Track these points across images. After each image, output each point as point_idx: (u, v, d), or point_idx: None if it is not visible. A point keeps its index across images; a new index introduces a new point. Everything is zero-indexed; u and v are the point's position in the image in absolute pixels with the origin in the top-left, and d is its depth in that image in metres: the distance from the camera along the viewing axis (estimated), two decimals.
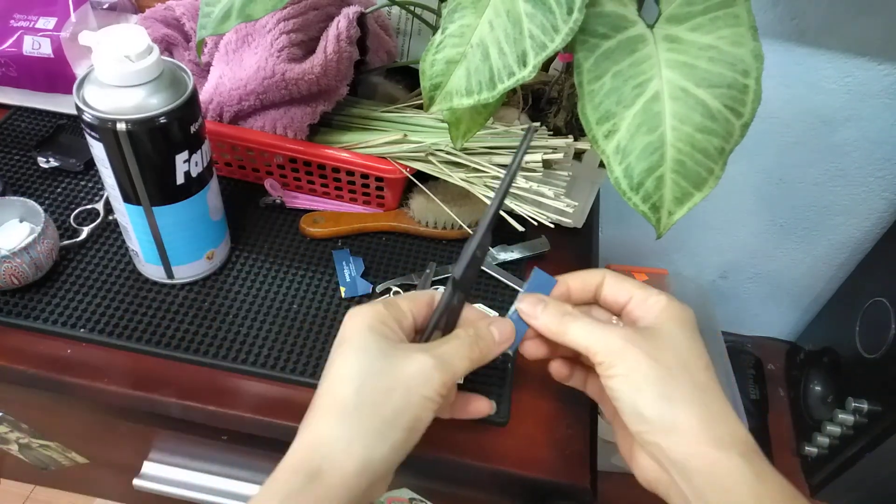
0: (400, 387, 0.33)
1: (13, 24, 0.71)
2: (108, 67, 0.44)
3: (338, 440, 0.32)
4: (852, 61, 0.87)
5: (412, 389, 0.33)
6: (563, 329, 0.38)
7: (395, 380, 0.33)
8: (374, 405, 0.32)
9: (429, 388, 0.33)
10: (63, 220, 0.62)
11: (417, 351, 0.34)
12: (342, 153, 0.61)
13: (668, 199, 0.44)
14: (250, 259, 0.61)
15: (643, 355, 0.35)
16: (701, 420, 0.33)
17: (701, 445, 0.33)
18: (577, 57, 0.43)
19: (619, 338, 0.36)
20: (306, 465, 0.32)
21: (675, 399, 0.34)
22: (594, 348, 0.36)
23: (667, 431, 0.33)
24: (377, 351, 0.34)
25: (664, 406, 0.34)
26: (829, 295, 1.19)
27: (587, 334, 0.37)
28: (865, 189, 1.02)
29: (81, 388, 0.52)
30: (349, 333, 0.35)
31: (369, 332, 0.35)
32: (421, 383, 0.33)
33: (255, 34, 0.60)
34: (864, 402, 0.95)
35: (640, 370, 0.34)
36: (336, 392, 0.33)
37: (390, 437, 0.32)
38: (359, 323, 0.35)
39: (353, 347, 0.34)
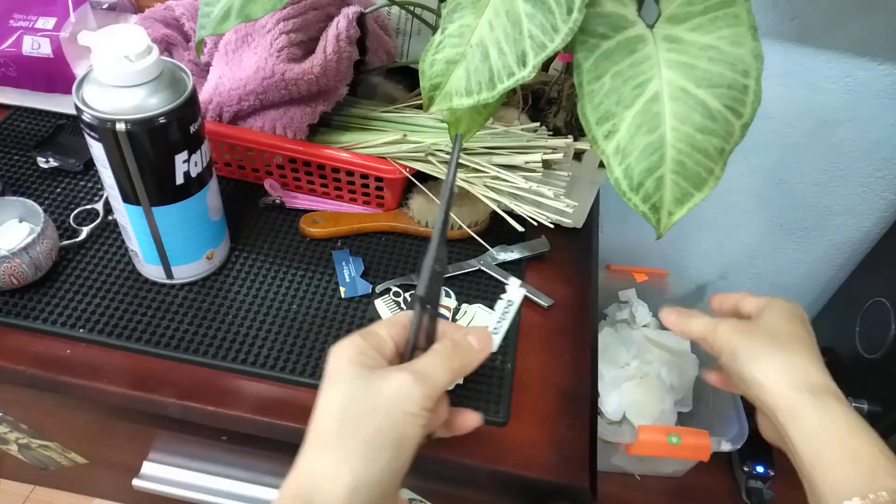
0: (381, 407, 0.33)
1: (13, 24, 0.71)
2: (108, 67, 0.44)
3: (325, 469, 0.33)
4: (852, 61, 0.86)
5: (393, 407, 0.33)
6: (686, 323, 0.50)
7: (376, 401, 0.33)
8: (355, 429, 0.33)
9: (410, 404, 0.33)
10: (62, 221, 0.62)
11: (395, 371, 0.34)
12: (342, 153, 0.61)
13: (668, 199, 0.44)
14: (250, 259, 0.61)
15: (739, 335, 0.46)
16: (780, 373, 0.43)
17: (781, 391, 0.42)
18: (576, 57, 0.43)
19: (723, 326, 0.47)
20: (300, 497, 0.33)
21: (761, 360, 0.44)
22: (711, 335, 0.47)
23: (758, 386, 0.43)
24: (356, 379, 0.34)
25: (752, 368, 0.44)
26: (829, 295, 1.19)
27: (703, 325, 0.49)
28: (865, 189, 1.02)
29: (81, 388, 0.52)
30: (331, 369, 0.36)
31: (349, 365, 0.35)
32: (402, 400, 0.33)
33: (254, 34, 0.60)
34: (864, 402, 0.95)
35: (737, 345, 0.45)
36: (320, 424, 0.34)
37: (377, 459, 0.32)
38: (339, 358, 0.36)
39: (334, 381, 0.35)
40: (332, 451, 0.33)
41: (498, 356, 0.56)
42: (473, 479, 0.51)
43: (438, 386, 0.35)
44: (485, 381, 0.54)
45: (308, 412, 0.52)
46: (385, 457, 0.32)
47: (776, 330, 0.46)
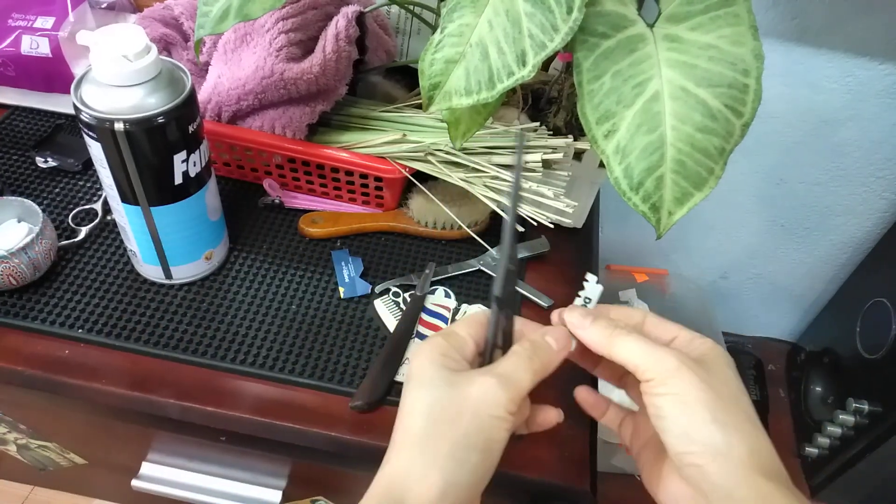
0: (468, 410, 0.33)
1: (11, 23, 0.71)
2: (106, 67, 0.44)
3: (413, 470, 0.33)
4: (853, 61, 0.86)
5: (481, 411, 0.33)
6: (611, 342, 0.37)
7: (462, 404, 0.34)
8: (444, 431, 0.33)
9: (497, 408, 0.34)
10: (61, 221, 0.62)
11: (479, 374, 0.35)
12: (341, 153, 0.61)
13: (667, 199, 0.43)
14: (249, 259, 0.60)
15: (696, 378, 0.34)
16: (751, 449, 0.33)
17: (751, 474, 0.32)
18: (576, 56, 0.43)
19: (673, 357, 0.35)
20: (388, 498, 0.33)
21: (728, 425, 0.33)
22: (645, 365, 0.35)
23: (715, 455, 0.33)
24: (441, 381, 0.35)
25: (716, 430, 0.33)
26: (829, 295, 1.19)
27: (638, 350, 0.36)
28: (866, 189, 1.02)
29: (79, 388, 0.51)
30: (415, 371, 0.36)
31: (431, 366, 0.35)
32: (488, 404, 0.34)
33: (253, 34, 0.60)
34: (865, 402, 0.95)
35: (693, 391, 0.34)
36: (407, 426, 0.34)
37: (466, 461, 0.33)
38: (422, 359, 0.36)
39: (418, 383, 0.35)
40: (420, 453, 0.33)
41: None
42: None
43: (522, 388, 0.35)
44: None
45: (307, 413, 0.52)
46: (473, 459, 0.33)
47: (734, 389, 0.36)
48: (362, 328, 0.56)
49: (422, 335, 0.56)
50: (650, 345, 0.36)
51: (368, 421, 0.51)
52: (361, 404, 0.50)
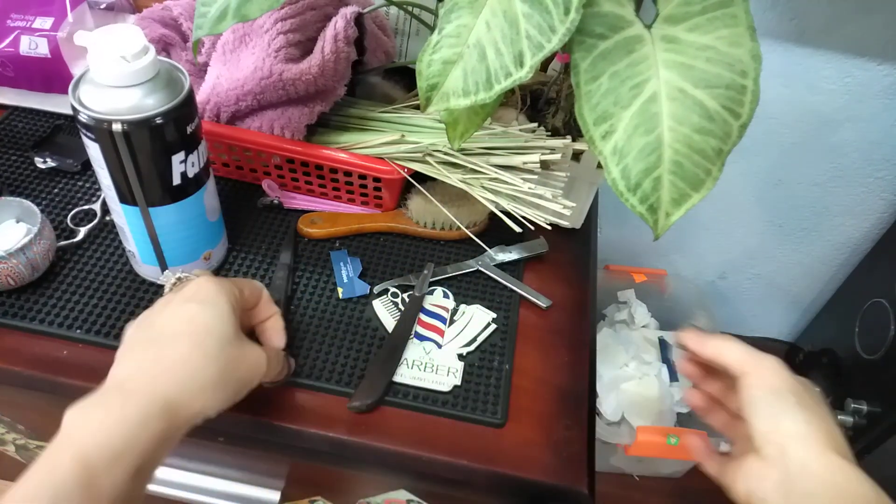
0: (245, 367, 0.44)
1: (10, 24, 0.71)
2: (104, 68, 0.44)
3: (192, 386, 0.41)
4: (852, 62, 0.87)
5: (251, 374, 0.45)
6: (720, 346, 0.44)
7: (243, 361, 0.44)
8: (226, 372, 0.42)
9: (258, 377, 0.45)
10: (60, 221, 0.62)
11: (256, 347, 0.46)
12: (340, 154, 0.61)
13: (665, 200, 0.43)
14: (248, 260, 0.61)
15: (788, 375, 0.42)
16: (829, 435, 0.39)
17: (826, 451, 0.38)
18: (574, 57, 0.43)
19: (771, 359, 0.43)
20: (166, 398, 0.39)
21: (812, 413, 0.39)
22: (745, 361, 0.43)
23: (799, 435, 0.38)
24: (232, 326, 0.43)
25: (801, 414, 0.39)
26: (828, 296, 1.19)
27: (740, 351, 0.43)
28: (865, 190, 1.02)
29: (78, 389, 0.51)
30: (213, 298, 0.43)
31: (227, 308, 0.44)
32: (256, 372, 0.45)
33: (252, 34, 0.60)
34: (864, 403, 0.95)
35: (783, 383, 0.41)
36: (202, 341, 0.42)
37: (226, 402, 0.43)
38: (221, 296, 0.44)
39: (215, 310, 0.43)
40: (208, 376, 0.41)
41: (496, 357, 0.56)
42: (471, 480, 0.50)
43: (271, 374, 0.47)
44: (482, 382, 0.54)
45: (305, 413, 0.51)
46: (229, 402, 0.43)
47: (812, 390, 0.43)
48: (361, 328, 0.56)
49: (420, 336, 0.56)
50: (751, 349, 0.44)
51: (366, 421, 0.51)
52: (360, 405, 0.51)
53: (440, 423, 0.51)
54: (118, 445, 0.35)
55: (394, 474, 0.57)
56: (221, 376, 0.41)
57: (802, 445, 0.38)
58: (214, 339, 0.42)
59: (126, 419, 0.37)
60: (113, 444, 0.35)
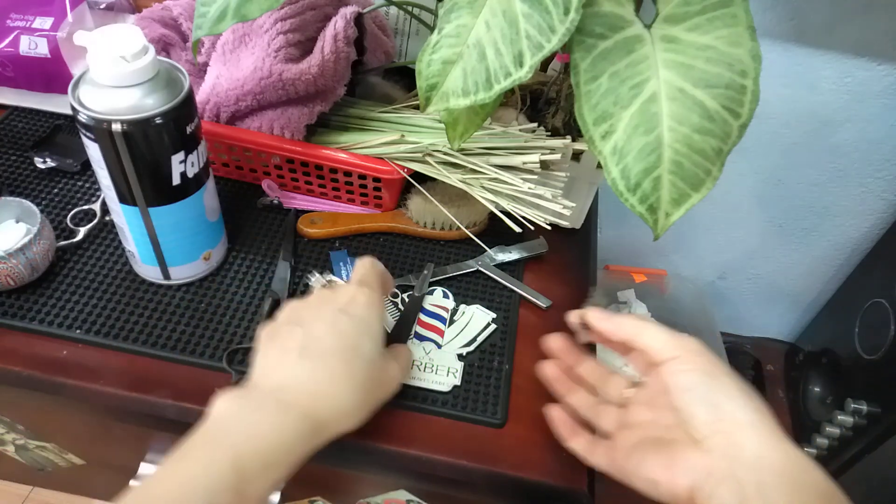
0: (384, 385, 0.46)
1: (10, 23, 0.71)
2: (104, 68, 0.44)
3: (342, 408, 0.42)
4: (852, 62, 0.86)
5: (390, 386, 0.46)
6: (639, 327, 0.42)
7: (384, 378, 0.46)
8: (371, 392, 0.44)
9: (394, 388, 0.47)
10: (59, 221, 0.62)
11: (392, 361, 0.47)
12: (339, 154, 0.61)
13: (665, 200, 0.43)
14: (247, 260, 0.60)
15: (711, 356, 0.39)
16: (774, 426, 0.36)
17: (780, 440, 0.35)
18: (573, 57, 0.43)
19: (695, 341, 0.40)
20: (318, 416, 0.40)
21: (753, 400, 0.37)
22: (670, 345, 0.40)
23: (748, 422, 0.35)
24: (379, 346, 0.45)
25: (745, 401, 0.36)
26: (828, 296, 1.19)
27: (663, 334, 0.41)
28: (865, 190, 1.02)
29: (77, 389, 0.51)
30: (365, 317, 0.45)
31: (378, 326, 0.45)
32: (392, 387, 0.47)
33: (252, 34, 0.60)
34: (864, 403, 0.95)
35: (718, 370, 0.38)
36: (352, 365, 0.43)
37: (365, 418, 0.43)
38: (376, 313, 0.46)
39: (367, 335, 0.44)
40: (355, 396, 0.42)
41: (496, 357, 0.56)
42: (470, 480, 0.50)
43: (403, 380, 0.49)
44: (482, 383, 0.54)
45: None
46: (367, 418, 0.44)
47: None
48: None
49: (420, 336, 0.56)
50: (672, 331, 0.41)
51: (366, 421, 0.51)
52: None
53: (440, 423, 0.51)
54: (271, 457, 0.36)
55: (393, 474, 0.57)
56: (366, 399, 0.43)
57: (754, 435, 0.35)
58: (363, 362, 0.43)
59: (283, 433, 0.37)
60: (267, 454, 0.36)
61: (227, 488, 0.34)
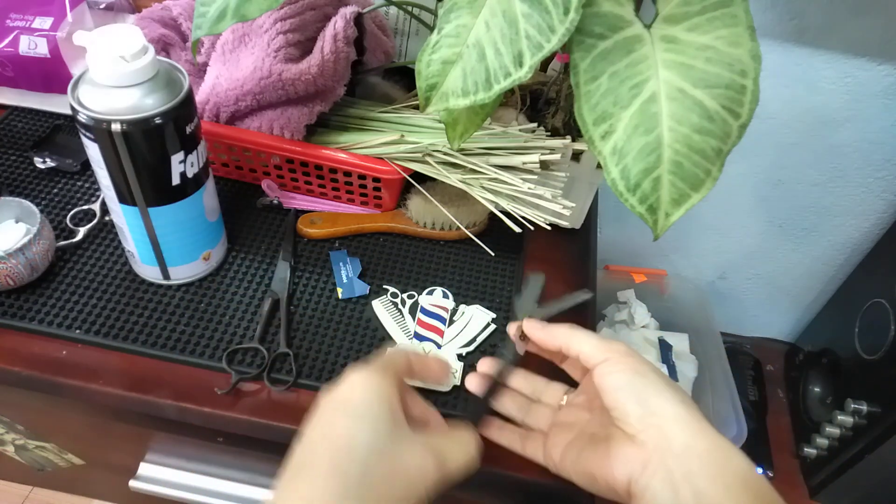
0: (401, 478, 0.35)
1: (9, 23, 0.71)
2: (103, 68, 0.44)
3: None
4: (852, 62, 0.86)
5: (412, 485, 0.35)
6: (569, 336, 0.44)
7: (400, 469, 0.35)
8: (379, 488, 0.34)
9: (425, 486, 0.36)
10: (59, 221, 0.62)
11: (420, 447, 0.37)
12: (339, 154, 0.61)
13: (665, 200, 0.43)
14: (247, 260, 0.60)
15: (638, 356, 0.41)
16: (700, 417, 0.38)
17: (706, 428, 0.37)
18: (573, 57, 0.43)
19: (622, 344, 0.42)
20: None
21: (679, 394, 0.39)
22: (599, 349, 0.41)
23: (675, 416, 0.38)
24: (382, 428, 0.36)
25: (672, 396, 0.38)
26: (828, 296, 1.19)
27: (593, 339, 0.42)
28: (865, 190, 1.02)
29: (77, 389, 0.51)
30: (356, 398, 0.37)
31: (375, 404, 0.36)
32: (420, 480, 0.36)
33: (251, 34, 0.60)
34: (864, 403, 0.95)
35: (646, 367, 0.40)
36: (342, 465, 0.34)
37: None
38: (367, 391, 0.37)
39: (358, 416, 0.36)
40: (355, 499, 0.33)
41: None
42: (470, 480, 0.50)
43: (453, 474, 0.38)
44: None
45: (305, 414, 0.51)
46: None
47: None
48: (360, 329, 0.56)
49: (420, 336, 0.56)
50: (598, 337, 0.43)
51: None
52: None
53: None
54: None
55: None
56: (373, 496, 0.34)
57: (682, 426, 0.37)
58: (358, 465, 0.34)
59: None
60: None
61: None
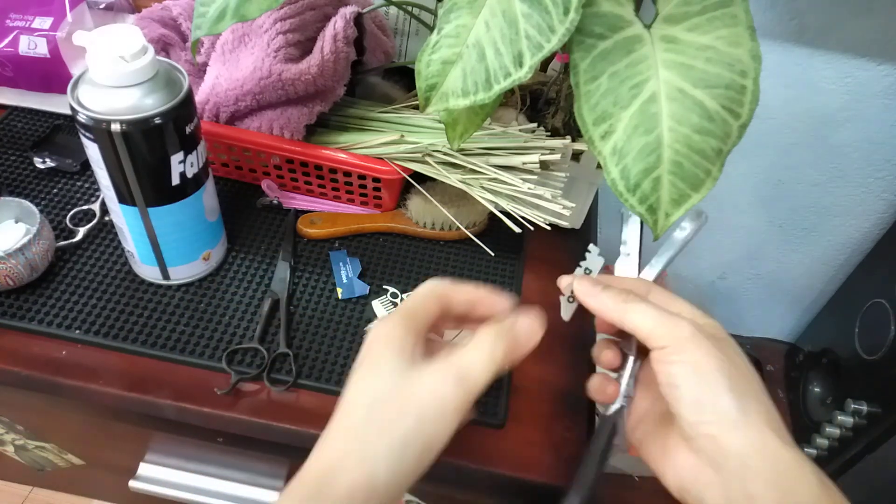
0: (412, 411, 0.32)
1: (9, 23, 0.71)
2: (103, 68, 0.44)
3: (348, 460, 0.32)
4: (852, 62, 0.86)
5: (425, 414, 0.32)
6: (623, 310, 0.36)
7: (408, 402, 0.32)
8: (384, 428, 0.32)
9: (443, 411, 0.33)
10: (59, 221, 0.61)
11: (435, 370, 0.33)
12: (339, 154, 0.60)
13: (665, 200, 0.43)
14: (247, 260, 0.60)
15: (712, 347, 0.34)
16: (768, 418, 0.33)
17: (768, 441, 0.32)
18: (573, 57, 0.43)
19: (687, 325, 0.34)
20: (318, 478, 0.32)
21: (745, 394, 0.33)
22: (658, 332, 0.35)
23: (732, 425, 0.32)
24: (391, 370, 0.33)
25: (733, 399, 0.33)
26: (828, 296, 1.19)
27: (651, 318, 0.35)
28: (865, 190, 1.02)
29: (76, 389, 0.51)
30: (369, 353, 0.35)
31: (386, 349, 0.34)
32: (435, 406, 0.33)
33: (251, 34, 0.60)
34: (864, 403, 0.95)
35: (709, 360, 0.33)
36: (348, 413, 0.33)
37: (402, 459, 0.32)
38: (379, 346, 0.35)
39: (369, 371, 0.34)
40: (355, 447, 0.32)
41: None
42: (470, 481, 0.50)
43: (478, 385, 0.33)
44: None
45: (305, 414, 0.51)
46: (409, 461, 0.32)
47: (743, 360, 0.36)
48: (360, 329, 0.56)
49: None
50: (663, 312, 0.35)
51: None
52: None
53: None
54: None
55: None
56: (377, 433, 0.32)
57: (741, 438, 0.32)
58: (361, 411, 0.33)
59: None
60: None
61: None
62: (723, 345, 0.35)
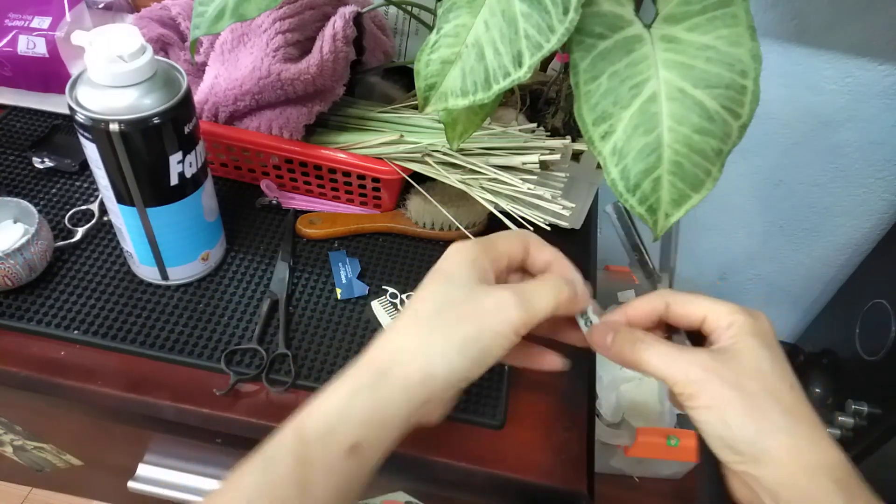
0: (474, 319, 0.35)
1: (8, 23, 0.71)
2: (101, 67, 0.44)
3: (406, 349, 0.35)
4: (852, 62, 0.86)
5: (486, 323, 0.35)
6: (637, 358, 0.37)
7: (472, 311, 0.35)
8: (445, 328, 0.35)
9: (505, 325, 0.35)
10: (57, 221, 0.61)
11: (500, 288, 0.36)
12: (338, 154, 0.60)
13: (665, 200, 0.43)
14: (246, 260, 0.60)
15: (726, 384, 0.34)
16: (790, 448, 0.33)
17: (792, 474, 0.32)
18: (573, 57, 0.43)
19: (698, 367, 0.34)
20: (376, 365, 0.35)
21: (764, 428, 0.33)
22: (673, 378, 0.35)
23: (756, 461, 0.33)
24: (463, 282, 0.36)
25: (752, 436, 0.33)
26: (828, 297, 1.18)
27: (664, 363, 0.35)
28: (865, 190, 1.01)
29: (75, 390, 0.51)
30: (445, 266, 0.37)
31: (461, 267, 0.37)
32: (498, 319, 0.35)
33: (250, 34, 0.60)
34: (864, 404, 0.95)
35: (725, 400, 0.33)
36: (416, 309, 0.36)
37: (455, 362, 0.34)
38: (457, 258, 0.37)
39: (444, 278, 0.37)
40: (419, 337, 0.35)
41: None
42: (470, 482, 0.50)
43: (538, 313, 0.36)
44: (482, 384, 0.53)
45: None
46: (464, 364, 0.34)
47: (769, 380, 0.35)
48: (359, 329, 0.56)
49: None
50: (674, 354, 0.35)
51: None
52: None
53: (439, 424, 0.51)
54: (332, 418, 0.34)
55: (392, 476, 0.57)
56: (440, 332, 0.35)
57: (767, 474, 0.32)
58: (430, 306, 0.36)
59: (336, 391, 0.35)
60: (327, 414, 0.34)
61: (288, 453, 0.33)
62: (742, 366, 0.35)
